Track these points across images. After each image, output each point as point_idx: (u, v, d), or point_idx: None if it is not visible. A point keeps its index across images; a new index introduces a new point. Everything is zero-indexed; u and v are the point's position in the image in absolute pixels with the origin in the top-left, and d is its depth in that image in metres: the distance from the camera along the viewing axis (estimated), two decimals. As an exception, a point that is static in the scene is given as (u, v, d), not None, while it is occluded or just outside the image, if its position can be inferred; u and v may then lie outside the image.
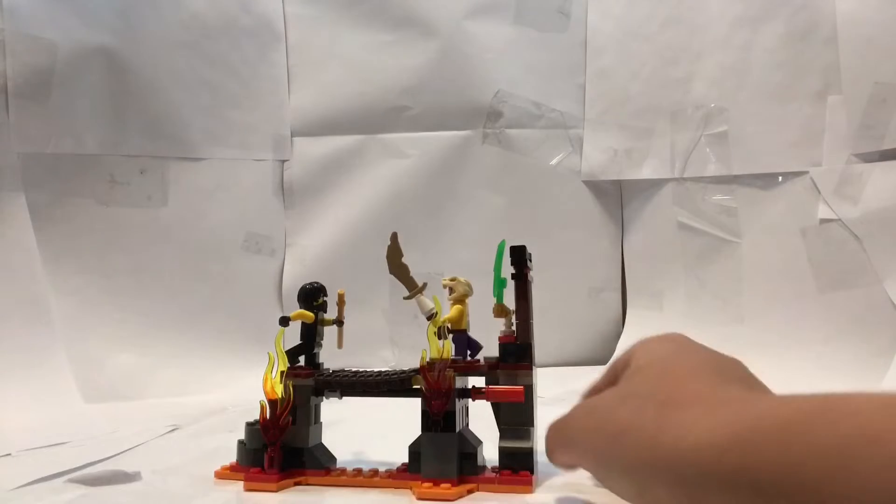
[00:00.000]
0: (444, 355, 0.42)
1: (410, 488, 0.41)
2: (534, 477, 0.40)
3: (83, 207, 0.78)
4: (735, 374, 0.30)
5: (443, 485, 0.39)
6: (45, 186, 0.75)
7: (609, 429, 0.29)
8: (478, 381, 0.44)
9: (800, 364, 0.68)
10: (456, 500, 0.39)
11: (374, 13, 0.94)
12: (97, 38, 0.78)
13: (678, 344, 0.33)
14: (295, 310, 0.47)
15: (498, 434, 0.43)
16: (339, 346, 0.47)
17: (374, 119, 0.94)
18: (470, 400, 0.43)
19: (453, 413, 0.41)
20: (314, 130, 0.95)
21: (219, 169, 0.89)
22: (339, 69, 0.94)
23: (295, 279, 0.92)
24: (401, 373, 0.44)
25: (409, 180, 0.93)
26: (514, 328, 0.43)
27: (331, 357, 0.48)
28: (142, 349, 0.78)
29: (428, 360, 0.42)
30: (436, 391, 0.41)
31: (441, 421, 0.41)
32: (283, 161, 0.95)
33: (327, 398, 0.46)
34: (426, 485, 0.39)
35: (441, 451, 0.40)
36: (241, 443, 0.44)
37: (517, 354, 0.43)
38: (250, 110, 0.92)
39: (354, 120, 0.94)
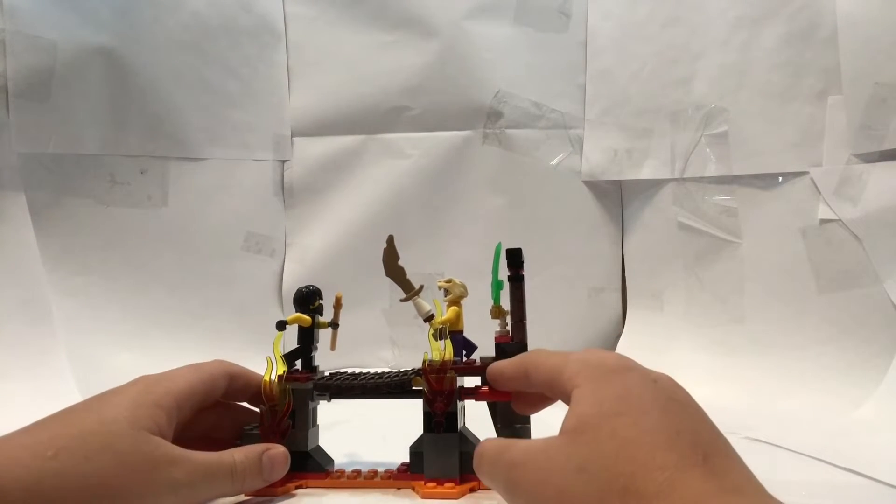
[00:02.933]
0: (446, 357, 0.42)
1: (413, 488, 0.41)
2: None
3: (83, 207, 0.78)
4: (692, 440, 0.27)
5: (446, 484, 0.40)
6: (45, 186, 0.75)
7: None
8: (471, 381, 0.44)
9: (800, 364, 0.68)
10: (459, 498, 0.39)
11: (374, 13, 0.93)
12: (97, 38, 0.78)
13: (627, 385, 0.31)
14: (293, 312, 0.47)
15: (494, 432, 0.43)
16: (332, 348, 0.47)
17: (374, 119, 0.94)
18: (469, 399, 0.43)
19: (455, 413, 0.41)
20: (314, 130, 0.95)
21: (219, 169, 0.89)
22: (339, 69, 0.94)
23: (295, 279, 0.92)
24: (402, 374, 0.44)
25: (410, 180, 0.93)
26: (507, 328, 0.44)
27: (326, 359, 0.48)
28: (142, 349, 0.78)
29: (429, 361, 0.42)
30: (439, 393, 0.41)
31: (444, 422, 0.41)
32: (283, 161, 0.95)
33: (315, 401, 0.46)
34: (430, 484, 0.40)
35: (444, 451, 0.41)
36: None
37: (513, 354, 0.43)
38: (250, 110, 0.92)
39: (354, 120, 0.94)
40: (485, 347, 0.45)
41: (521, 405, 0.40)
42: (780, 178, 0.74)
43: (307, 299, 0.47)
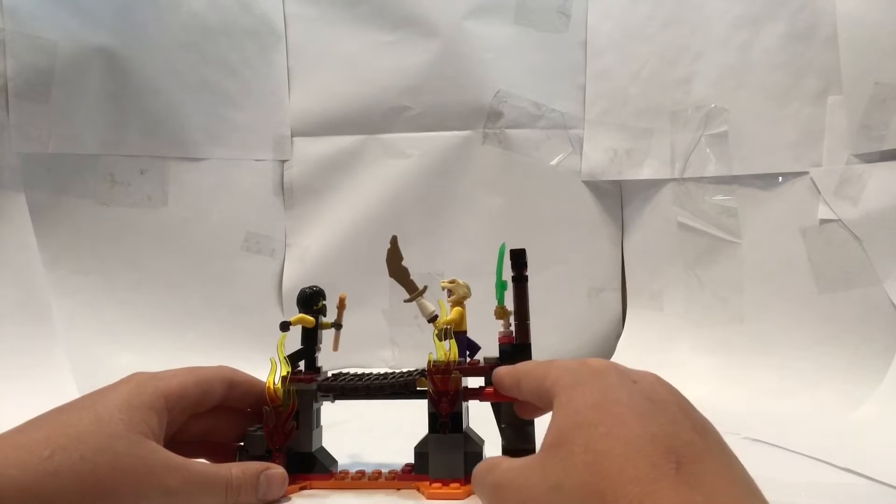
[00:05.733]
0: (451, 357, 0.42)
1: (418, 489, 0.41)
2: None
3: (83, 207, 0.78)
4: (666, 446, 0.27)
5: (451, 484, 0.40)
6: (45, 186, 0.75)
7: None
8: (475, 381, 0.44)
9: (800, 364, 0.68)
10: (465, 498, 0.39)
11: (374, 13, 0.93)
12: (97, 38, 0.77)
13: (604, 390, 0.31)
14: (294, 312, 0.47)
15: (498, 432, 0.43)
16: (335, 348, 0.47)
17: (374, 119, 0.94)
18: (473, 400, 0.43)
19: (460, 414, 0.41)
20: (314, 130, 0.95)
21: (219, 169, 0.89)
22: (339, 69, 0.94)
23: (295, 279, 0.92)
24: (406, 374, 0.44)
25: (410, 180, 0.93)
26: (511, 329, 0.44)
27: (326, 359, 0.48)
28: (142, 349, 0.78)
29: (434, 362, 0.42)
30: (444, 393, 0.41)
31: (449, 422, 0.41)
32: (283, 161, 0.95)
33: (319, 402, 0.46)
34: (435, 485, 0.40)
35: (449, 451, 0.41)
36: (241, 449, 0.44)
37: (517, 354, 0.43)
38: (250, 110, 0.92)
39: (354, 120, 0.94)
40: (488, 348, 0.45)
41: (522, 411, 0.41)
42: (780, 178, 0.74)
43: (311, 300, 0.47)
